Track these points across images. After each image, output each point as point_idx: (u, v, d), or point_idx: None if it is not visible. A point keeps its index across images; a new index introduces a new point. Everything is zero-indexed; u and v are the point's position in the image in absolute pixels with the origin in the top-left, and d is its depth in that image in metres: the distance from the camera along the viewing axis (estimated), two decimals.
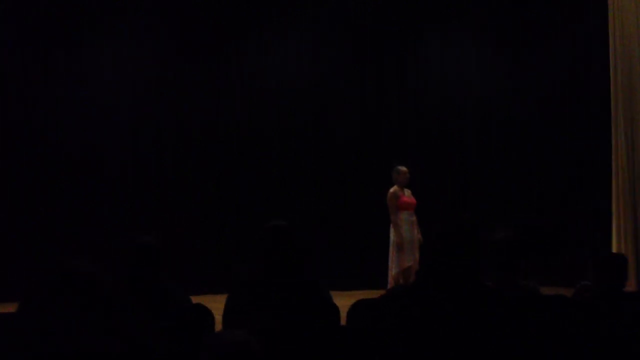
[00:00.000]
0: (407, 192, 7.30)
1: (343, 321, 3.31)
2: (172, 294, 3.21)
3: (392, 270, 7.00)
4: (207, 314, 3.27)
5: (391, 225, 7.13)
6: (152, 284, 3.20)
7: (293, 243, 3.24)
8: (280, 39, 9.30)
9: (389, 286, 6.83)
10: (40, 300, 1.98)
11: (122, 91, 8.78)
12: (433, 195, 9.06)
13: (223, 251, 8.80)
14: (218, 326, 3.27)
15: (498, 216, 8.79)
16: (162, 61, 8.95)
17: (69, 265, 2.05)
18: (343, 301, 3.39)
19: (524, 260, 3.28)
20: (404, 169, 7.25)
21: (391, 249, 7.08)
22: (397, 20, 9.44)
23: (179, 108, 8.95)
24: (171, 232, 8.41)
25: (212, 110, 9.09)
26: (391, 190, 7.20)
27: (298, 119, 9.22)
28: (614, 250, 7.61)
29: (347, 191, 9.21)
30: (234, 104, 9.16)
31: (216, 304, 3.53)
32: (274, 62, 9.27)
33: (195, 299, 3.43)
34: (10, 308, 2.26)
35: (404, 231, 7.00)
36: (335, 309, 3.24)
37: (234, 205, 8.98)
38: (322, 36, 9.38)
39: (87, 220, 8.47)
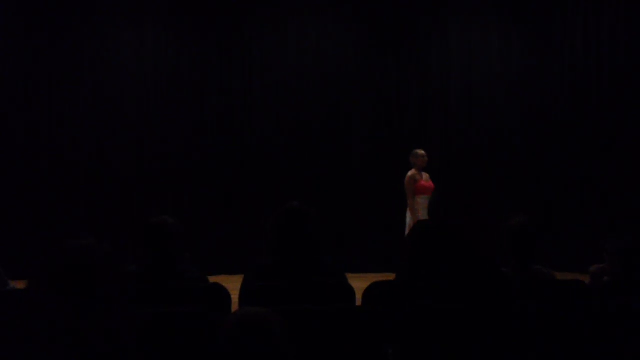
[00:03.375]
0: (425, 175, 7.29)
1: (358, 303, 3.33)
2: (190, 273, 3.24)
3: None
4: (224, 293, 3.31)
5: (407, 209, 7.14)
6: (169, 263, 3.23)
7: (308, 224, 3.25)
8: (299, 23, 9.28)
9: None
10: (48, 279, 2.01)
11: (139, 76, 8.88)
12: (452, 180, 9.02)
13: (239, 232, 8.86)
14: (234, 307, 3.31)
15: (518, 201, 8.75)
16: (178, 47, 9.03)
17: (74, 244, 2.09)
18: (358, 284, 3.41)
19: (539, 245, 3.28)
20: (421, 152, 7.24)
21: (407, 232, 7.09)
22: (417, 4, 9.37)
23: (197, 94, 9.03)
24: (187, 213, 8.50)
25: (231, 95, 9.15)
26: (409, 173, 7.20)
27: (316, 102, 9.22)
28: None
29: (364, 174, 9.20)
30: (252, 89, 9.20)
31: (232, 284, 3.56)
32: (292, 47, 9.27)
33: (211, 279, 3.47)
34: (21, 284, 2.30)
35: (421, 215, 7.00)
36: (351, 291, 3.26)
37: (250, 186, 9.03)
38: (341, 21, 9.34)
39: (103, 203, 8.58)
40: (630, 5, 8.26)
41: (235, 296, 3.27)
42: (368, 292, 3.37)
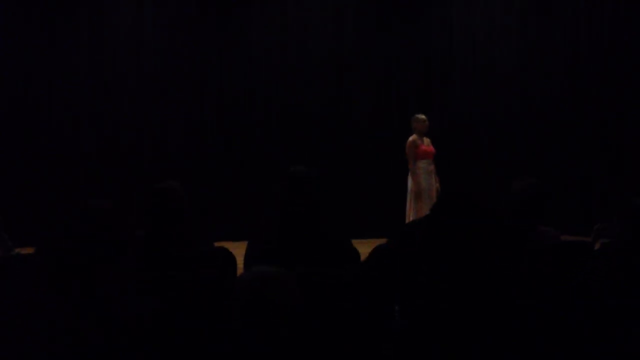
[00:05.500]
0: (426, 140, 7.28)
1: None
2: (195, 237, 3.23)
3: (410, 219, 7.04)
4: (229, 257, 3.31)
5: (409, 174, 7.15)
6: (176, 228, 3.21)
7: (312, 188, 3.25)
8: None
9: None
10: (59, 236, 1.99)
11: (138, 49, 8.86)
12: (452, 144, 8.98)
13: (244, 198, 8.88)
14: (240, 272, 3.30)
15: (518, 170, 8.72)
16: (178, 22, 8.97)
17: (86, 202, 2.07)
18: (361, 249, 3.41)
19: (545, 207, 3.28)
20: (422, 117, 7.23)
21: (409, 197, 7.11)
22: None
23: (199, 62, 9.01)
24: (193, 179, 8.55)
25: (234, 62, 9.12)
26: (410, 138, 7.19)
27: (318, 71, 9.19)
28: None
29: (365, 140, 9.19)
30: (255, 58, 9.16)
31: (237, 250, 3.55)
32: (292, 22, 9.23)
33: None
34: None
35: (422, 180, 7.01)
36: (356, 253, 3.27)
37: (254, 153, 9.04)
38: None
39: (108, 169, 8.60)
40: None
41: (240, 263, 3.27)
42: (372, 254, 3.38)
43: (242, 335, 1.68)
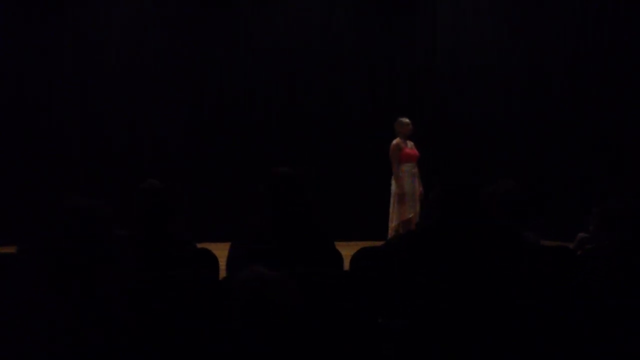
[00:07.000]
0: (410, 144, 7.28)
1: (346, 268, 3.35)
2: (178, 238, 3.23)
3: (393, 222, 7.05)
4: (212, 258, 3.32)
5: (392, 177, 7.15)
6: (159, 227, 3.22)
7: (302, 191, 3.25)
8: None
9: (389, 237, 6.87)
10: (41, 235, 1.98)
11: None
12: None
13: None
14: (222, 273, 3.32)
15: (505, 172, 8.67)
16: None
17: (69, 200, 2.06)
18: (344, 251, 3.41)
19: (527, 211, 3.27)
20: (406, 120, 7.22)
21: (392, 200, 7.11)
22: None
23: (188, 59, 9.00)
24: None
25: (222, 60, 9.14)
26: (394, 142, 7.18)
27: (305, 71, 9.20)
28: None
29: (349, 142, 9.18)
30: (243, 55, 9.18)
31: (219, 252, 3.56)
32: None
33: (199, 246, 3.46)
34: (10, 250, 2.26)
35: (405, 183, 7.01)
36: (339, 256, 3.27)
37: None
38: None
39: (94, 167, 8.61)
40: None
41: (222, 264, 3.28)
42: (356, 257, 3.39)
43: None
